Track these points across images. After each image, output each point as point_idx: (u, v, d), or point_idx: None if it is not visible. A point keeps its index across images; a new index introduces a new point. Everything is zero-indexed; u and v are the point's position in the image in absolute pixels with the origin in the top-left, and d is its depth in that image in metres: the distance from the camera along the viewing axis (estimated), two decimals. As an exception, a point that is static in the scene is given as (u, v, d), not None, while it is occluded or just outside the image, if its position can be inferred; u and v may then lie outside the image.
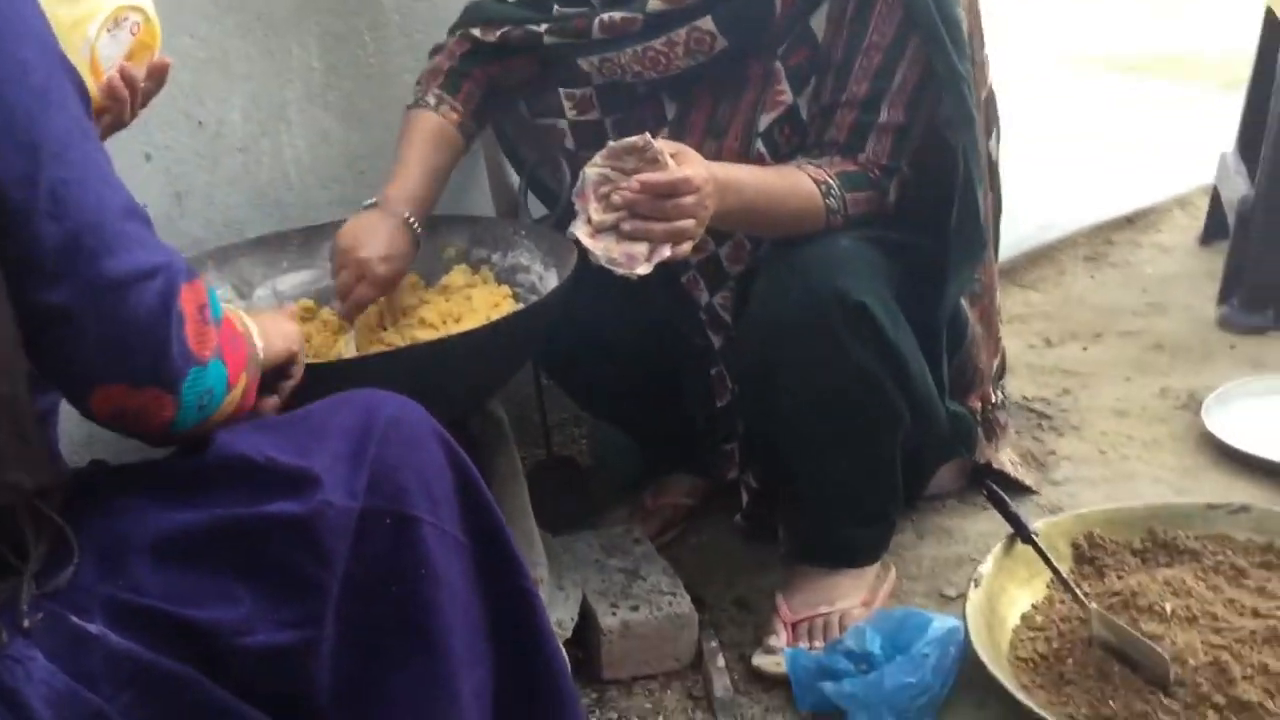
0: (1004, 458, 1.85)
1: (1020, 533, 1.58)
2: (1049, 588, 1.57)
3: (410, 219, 1.48)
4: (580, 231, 1.27)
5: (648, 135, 1.28)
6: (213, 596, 0.84)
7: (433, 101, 1.58)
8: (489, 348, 1.36)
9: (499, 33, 1.58)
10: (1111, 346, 2.39)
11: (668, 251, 1.27)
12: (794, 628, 1.56)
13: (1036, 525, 1.61)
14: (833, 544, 1.61)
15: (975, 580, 1.54)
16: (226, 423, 0.93)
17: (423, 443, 0.94)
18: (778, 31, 1.50)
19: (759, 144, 1.53)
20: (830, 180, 1.46)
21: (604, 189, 1.27)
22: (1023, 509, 1.72)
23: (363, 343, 1.48)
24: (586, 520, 1.82)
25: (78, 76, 0.87)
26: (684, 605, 1.55)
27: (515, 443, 1.56)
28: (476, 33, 1.59)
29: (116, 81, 1.11)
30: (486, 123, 1.68)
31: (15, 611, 0.80)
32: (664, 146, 1.29)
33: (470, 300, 1.53)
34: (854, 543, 1.62)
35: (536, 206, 1.88)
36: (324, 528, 0.87)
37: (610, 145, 1.28)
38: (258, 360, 0.98)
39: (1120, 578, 1.55)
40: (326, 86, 1.74)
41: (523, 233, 1.61)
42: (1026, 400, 2.17)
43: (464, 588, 0.95)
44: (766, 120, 1.53)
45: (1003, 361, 1.87)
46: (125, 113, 1.14)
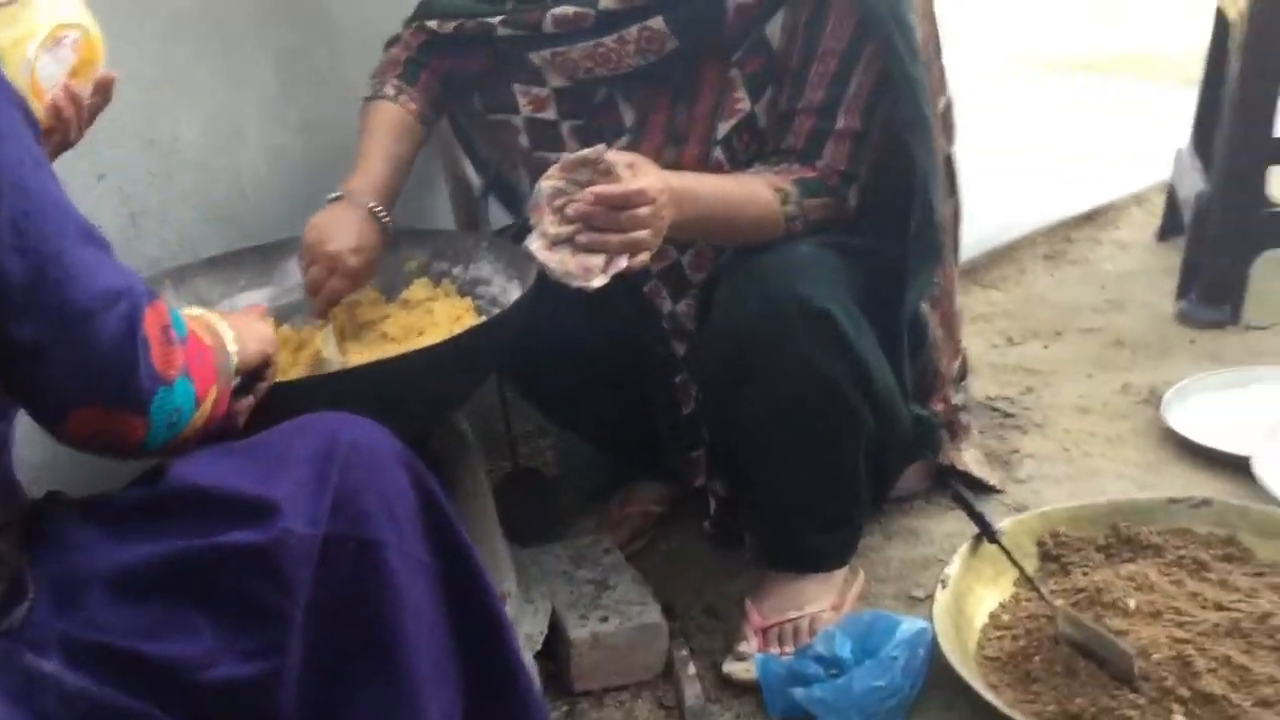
0: (968, 458, 1.87)
1: (985, 533, 1.59)
2: (1015, 586, 1.58)
3: (377, 209, 1.48)
4: (536, 245, 1.27)
5: (601, 147, 1.28)
6: (172, 630, 0.84)
7: (391, 92, 1.58)
8: (452, 361, 1.35)
9: (454, 24, 1.58)
10: (1073, 344, 2.41)
11: (624, 263, 1.27)
12: (764, 634, 1.56)
13: (1002, 524, 1.63)
14: (800, 549, 1.62)
15: (942, 581, 1.54)
16: (200, 434, 0.94)
17: (385, 466, 0.94)
18: (732, 37, 1.50)
19: (718, 151, 1.54)
20: (789, 187, 1.47)
21: (559, 202, 1.27)
22: (988, 508, 1.73)
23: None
24: (554, 531, 1.81)
25: (23, 102, 0.86)
26: (654, 615, 1.55)
27: (480, 455, 1.55)
28: (432, 24, 1.60)
29: (61, 101, 1.09)
30: (444, 114, 1.68)
31: (-32, 650, 0.79)
32: (618, 158, 1.29)
33: (432, 314, 1.52)
34: (821, 547, 1.62)
35: (498, 217, 1.88)
36: (285, 556, 0.87)
37: (564, 158, 1.29)
38: (229, 368, 0.99)
39: (1085, 574, 1.57)
40: (283, 102, 1.73)
41: (484, 245, 1.61)
42: (990, 399, 2.18)
43: (430, 610, 0.94)
44: (725, 128, 1.53)
45: (964, 364, 1.88)
46: (71, 132, 1.12)
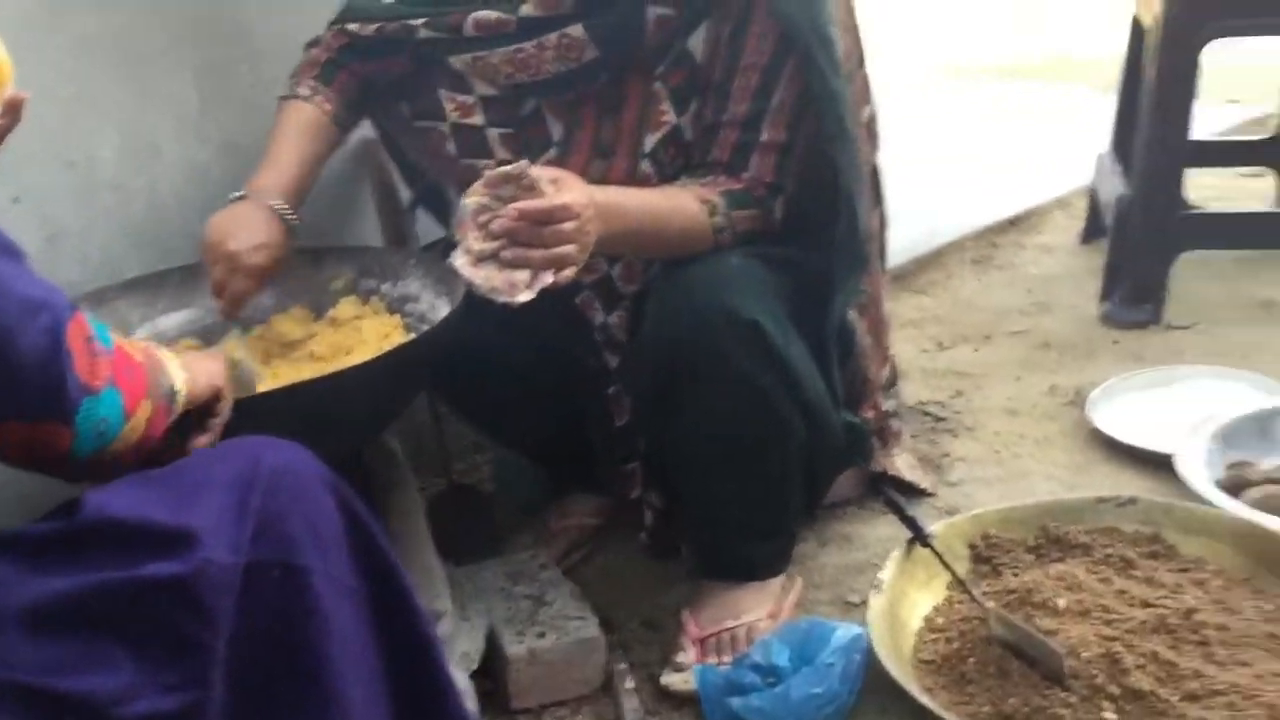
0: (900, 463, 1.89)
1: (918, 537, 1.61)
2: (948, 589, 1.59)
3: (281, 207, 1.46)
4: (460, 261, 1.26)
5: (525, 163, 1.28)
6: (91, 665, 0.82)
7: (306, 92, 1.57)
8: (381, 379, 1.34)
9: (375, 27, 1.57)
10: (1001, 347, 2.45)
11: (550, 278, 1.27)
12: (701, 644, 1.57)
13: (934, 528, 1.64)
14: (736, 558, 1.62)
15: (876, 586, 1.56)
16: (135, 451, 0.93)
17: (309, 489, 0.93)
18: (654, 49, 1.51)
19: (645, 164, 1.54)
20: (716, 199, 1.48)
21: (483, 218, 1.26)
22: (920, 512, 1.75)
23: None
24: (490, 548, 1.80)
25: None
26: (591, 629, 1.54)
27: (414, 473, 1.54)
28: (353, 27, 1.59)
29: None
30: (361, 119, 1.67)
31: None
32: (542, 173, 1.29)
33: (360, 332, 1.51)
34: (757, 556, 1.63)
35: (427, 231, 1.86)
36: (205, 586, 0.85)
37: (487, 174, 1.28)
38: (165, 390, 0.98)
39: (1016, 575, 1.59)
40: (203, 118, 1.70)
41: (412, 261, 1.60)
42: (921, 404, 2.21)
43: (358, 634, 0.93)
44: (651, 141, 1.54)
45: (893, 370, 1.90)
46: None
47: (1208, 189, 2.93)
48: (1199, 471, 1.79)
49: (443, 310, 1.46)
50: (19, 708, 0.79)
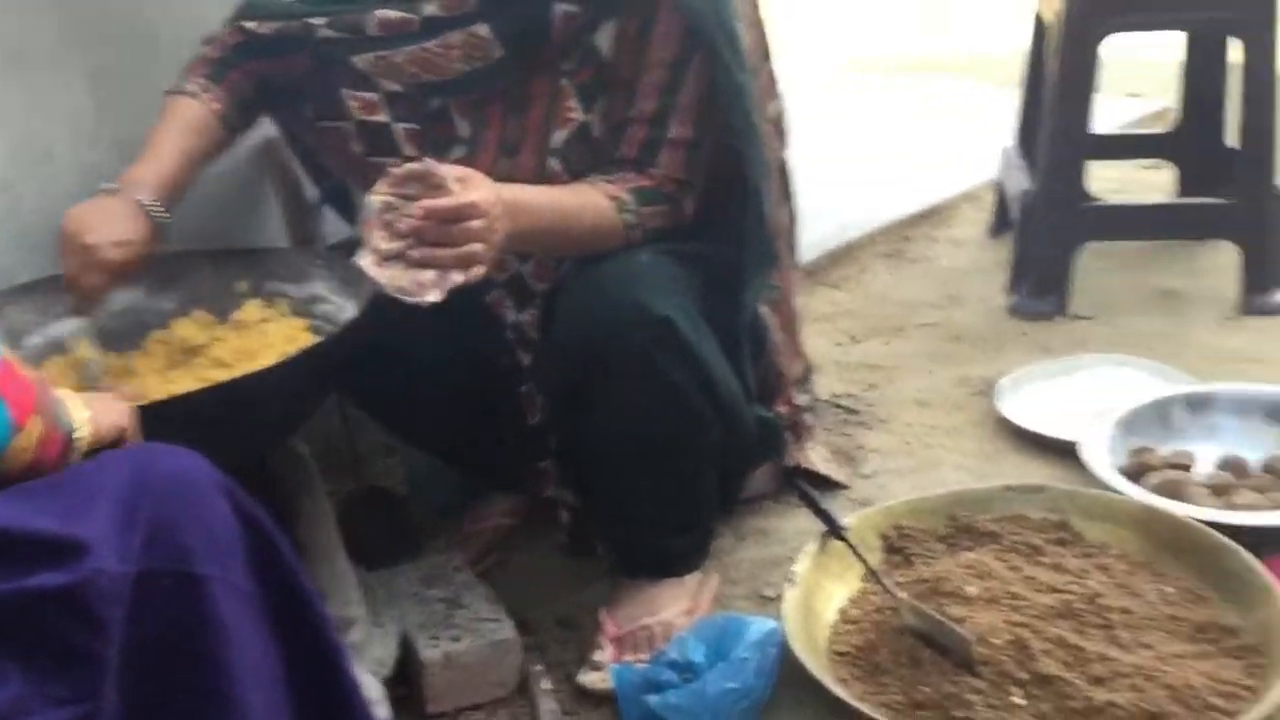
0: (815, 456, 1.90)
1: (831, 529, 1.62)
2: (862, 581, 1.61)
3: (151, 202, 1.41)
4: (366, 261, 1.24)
5: (430, 161, 1.27)
6: None
7: (194, 89, 1.53)
8: (286, 383, 1.31)
9: (273, 26, 1.54)
10: (913, 339, 2.48)
11: (458, 278, 1.26)
12: (618, 642, 1.56)
13: (847, 520, 1.66)
14: (652, 555, 1.62)
15: (791, 579, 1.57)
16: (28, 472, 0.90)
17: (203, 495, 0.90)
18: (560, 46, 1.50)
19: (553, 161, 1.53)
20: (625, 196, 1.47)
21: (388, 216, 1.24)
22: (835, 505, 1.77)
23: (151, 385, 1.41)
24: (405, 552, 1.78)
25: None
26: (507, 631, 1.53)
27: (325, 477, 1.51)
28: (251, 25, 1.55)
29: None
30: (254, 121, 1.63)
31: None
32: (449, 171, 1.27)
33: (265, 335, 1.48)
34: (673, 552, 1.63)
35: (334, 231, 1.83)
36: (95, 596, 0.83)
37: (392, 172, 1.26)
38: (61, 417, 0.95)
39: (927, 565, 1.61)
40: (96, 121, 1.65)
41: (318, 262, 1.57)
42: (835, 397, 2.23)
43: (258, 642, 0.91)
44: (559, 138, 1.53)
45: (806, 365, 1.91)
46: None
47: (1109, 181, 3.00)
48: (1102, 458, 1.83)
49: (350, 311, 1.44)
50: None
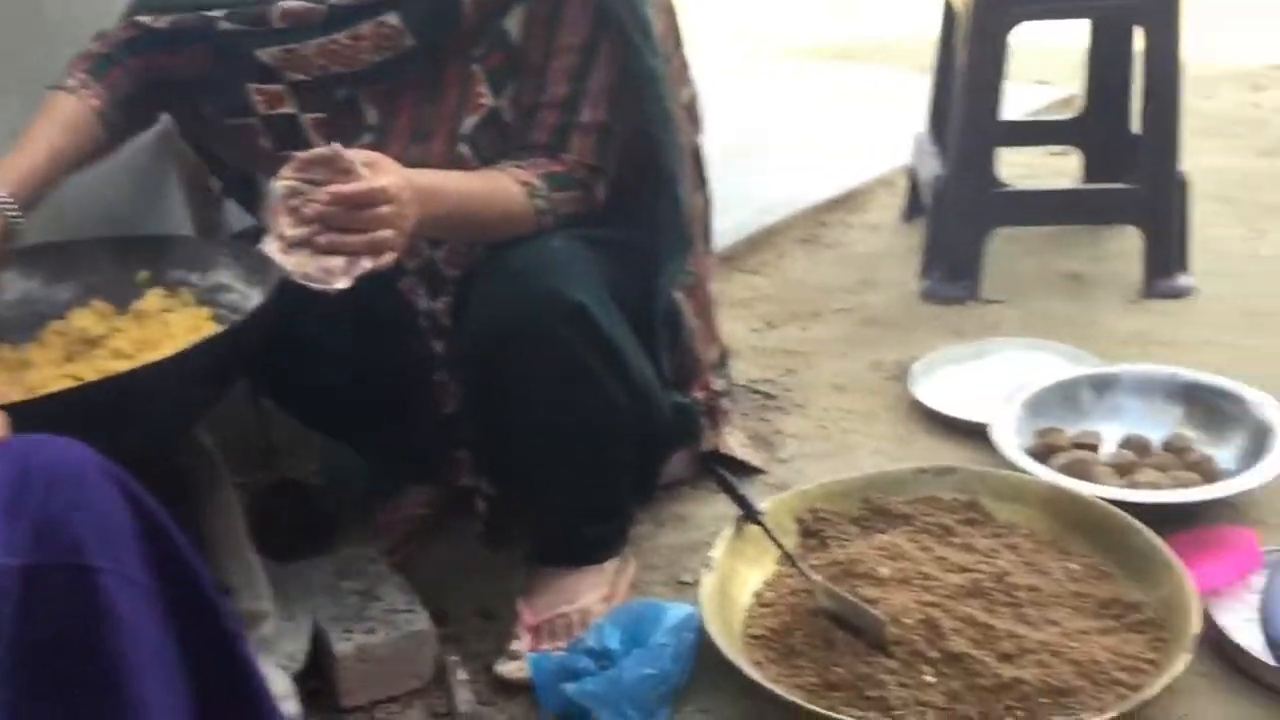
0: (732, 441, 1.91)
1: (747, 514, 1.63)
2: (777, 565, 1.62)
3: (4, 200, 1.34)
4: (272, 248, 1.21)
5: (337, 145, 1.24)
6: None
7: (74, 84, 1.47)
8: (189, 374, 1.27)
9: (169, 19, 1.48)
10: (829, 324, 2.50)
11: (368, 264, 1.24)
12: (536, 631, 1.56)
13: (764, 505, 1.67)
14: (569, 543, 1.62)
15: (708, 565, 1.57)
16: None
17: (92, 486, 0.87)
18: (470, 32, 1.48)
19: (463, 148, 1.51)
20: (537, 182, 1.46)
21: (294, 202, 1.22)
22: (752, 490, 1.78)
23: (49, 378, 1.36)
24: (319, 544, 1.75)
25: None
26: (422, 622, 1.52)
27: (227, 470, 1.48)
28: (145, 19, 1.49)
29: None
30: (141, 120, 1.57)
31: None
32: (357, 156, 1.25)
33: (167, 325, 1.43)
34: (590, 539, 1.63)
35: (240, 218, 1.79)
36: None
37: (298, 156, 1.24)
38: None
39: (842, 547, 1.63)
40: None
41: (223, 251, 1.53)
42: (752, 382, 2.24)
43: (155, 634, 0.89)
44: (470, 124, 1.51)
45: (722, 350, 1.92)
46: None
47: (1018, 167, 3.05)
48: (1010, 440, 1.86)
49: (257, 300, 1.41)
50: None
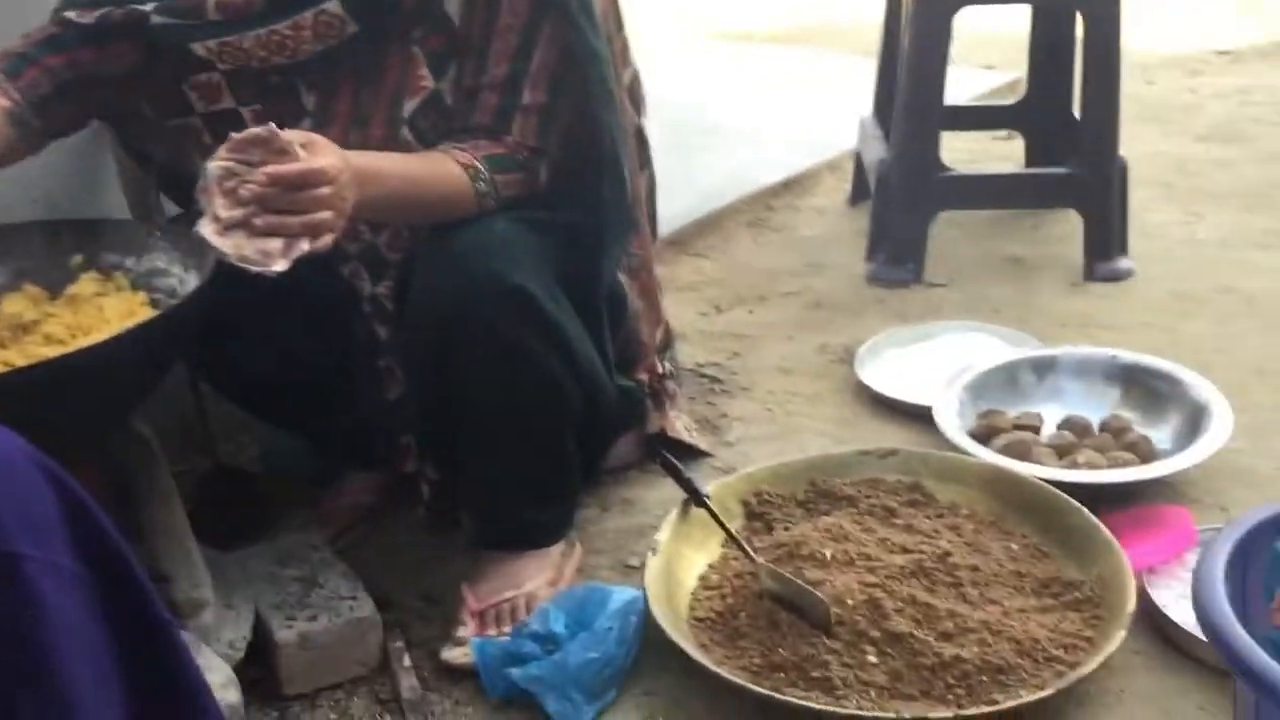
0: (679, 425, 1.91)
1: (693, 497, 1.64)
2: (723, 547, 1.63)
3: None
4: (207, 230, 1.19)
5: (273, 126, 1.22)
6: None
7: None
8: (123, 360, 1.25)
9: (96, 15, 1.44)
10: (775, 308, 2.51)
11: (306, 246, 1.22)
12: (480, 616, 1.55)
13: (709, 488, 1.67)
14: (514, 527, 1.61)
15: (653, 548, 1.58)
16: None
17: (17, 471, 0.85)
18: (411, 14, 1.46)
19: (405, 131, 1.49)
20: (479, 164, 1.45)
21: (229, 183, 1.19)
22: (699, 473, 1.79)
23: None
24: (261, 532, 1.73)
25: None
26: (365, 608, 1.50)
27: (164, 457, 1.45)
28: (72, 15, 1.45)
29: None
30: (68, 119, 1.50)
31: None
32: (294, 136, 1.23)
33: (101, 310, 1.40)
34: (535, 524, 1.62)
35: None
36: None
37: (233, 137, 1.21)
38: None
39: (787, 530, 1.64)
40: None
41: (158, 234, 1.50)
42: (699, 366, 2.25)
43: (86, 623, 0.87)
44: (410, 107, 1.49)
45: (668, 333, 1.92)
46: None
47: (962, 151, 3.07)
48: (952, 422, 1.88)
49: (194, 284, 1.38)
50: None
